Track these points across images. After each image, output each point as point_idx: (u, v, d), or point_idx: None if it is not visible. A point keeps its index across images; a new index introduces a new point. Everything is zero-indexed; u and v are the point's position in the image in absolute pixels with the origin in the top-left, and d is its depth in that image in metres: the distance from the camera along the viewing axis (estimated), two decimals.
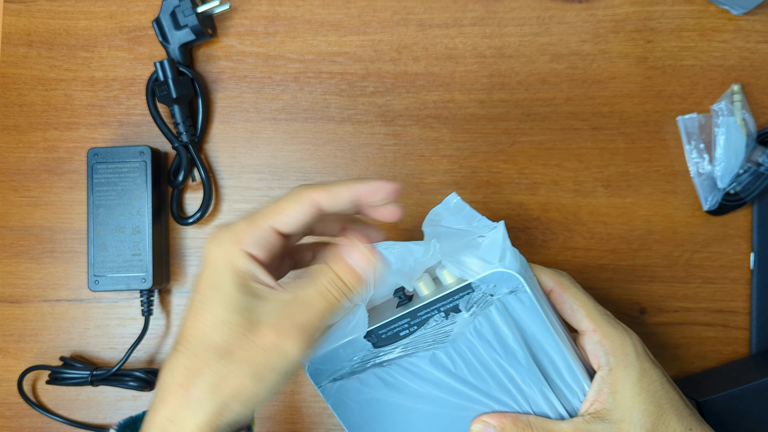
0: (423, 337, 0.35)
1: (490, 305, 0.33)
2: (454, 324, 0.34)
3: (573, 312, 0.36)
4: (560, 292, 0.36)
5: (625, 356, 0.35)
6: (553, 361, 0.35)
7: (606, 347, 0.35)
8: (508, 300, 0.33)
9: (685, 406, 0.36)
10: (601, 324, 0.36)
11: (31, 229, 0.52)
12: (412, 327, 0.35)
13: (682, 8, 0.51)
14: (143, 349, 0.52)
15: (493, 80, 0.52)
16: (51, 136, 0.53)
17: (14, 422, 0.52)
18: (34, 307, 0.52)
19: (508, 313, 0.33)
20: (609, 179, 0.51)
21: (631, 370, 0.35)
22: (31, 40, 0.53)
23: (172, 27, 0.50)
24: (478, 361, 0.35)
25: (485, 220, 0.35)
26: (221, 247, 0.31)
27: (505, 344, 0.34)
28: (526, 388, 0.35)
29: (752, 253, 0.50)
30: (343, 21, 0.52)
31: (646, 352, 0.36)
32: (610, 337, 0.35)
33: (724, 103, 0.49)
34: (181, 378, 0.30)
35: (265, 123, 0.52)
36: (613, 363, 0.35)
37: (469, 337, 0.34)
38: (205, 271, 0.31)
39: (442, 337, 0.35)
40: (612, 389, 0.34)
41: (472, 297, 0.33)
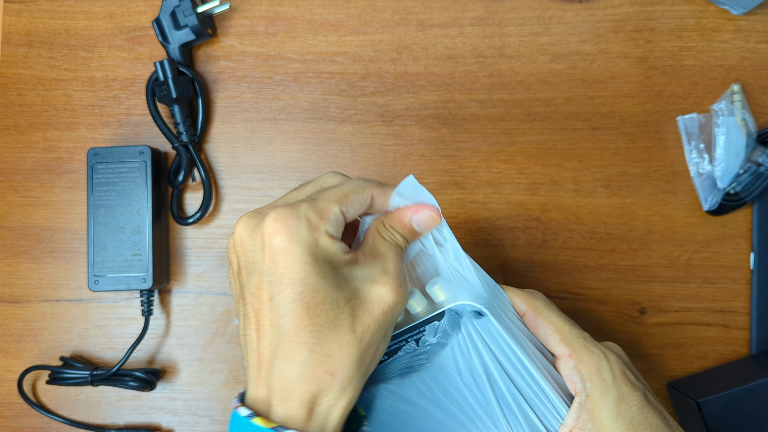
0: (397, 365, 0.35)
1: (457, 331, 0.33)
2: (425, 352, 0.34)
3: (547, 336, 0.35)
4: (533, 315, 0.36)
5: (601, 381, 0.34)
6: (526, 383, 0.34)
7: (582, 372, 0.35)
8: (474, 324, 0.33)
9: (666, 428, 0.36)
10: (577, 348, 0.35)
11: (31, 229, 0.52)
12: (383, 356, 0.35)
13: (682, 8, 0.51)
14: (143, 349, 0.52)
15: (493, 80, 0.52)
16: (51, 136, 0.53)
17: (14, 422, 0.52)
18: (34, 307, 0.52)
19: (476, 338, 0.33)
20: (609, 179, 0.51)
21: (608, 396, 0.34)
22: (31, 40, 0.53)
23: (172, 27, 0.50)
24: (453, 388, 0.35)
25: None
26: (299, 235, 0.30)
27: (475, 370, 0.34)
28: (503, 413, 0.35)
29: (752, 253, 0.50)
30: (343, 21, 0.52)
31: (625, 375, 0.36)
32: (587, 362, 0.35)
33: (724, 103, 0.49)
34: (319, 366, 0.29)
35: (265, 123, 0.52)
36: (590, 389, 0.34)
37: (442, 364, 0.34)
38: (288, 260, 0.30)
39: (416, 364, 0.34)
40: (591, 415, 0.34)
41: (438, 324, 0.33)
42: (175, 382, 0.51)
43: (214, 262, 0.52)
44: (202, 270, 0.52)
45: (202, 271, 0.52)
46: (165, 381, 0.51)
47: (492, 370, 0.34)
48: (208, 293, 0.52)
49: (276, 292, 0.30)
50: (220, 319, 0.52)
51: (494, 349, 0.34)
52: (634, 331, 0.50)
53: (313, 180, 0.35)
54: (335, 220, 0.31)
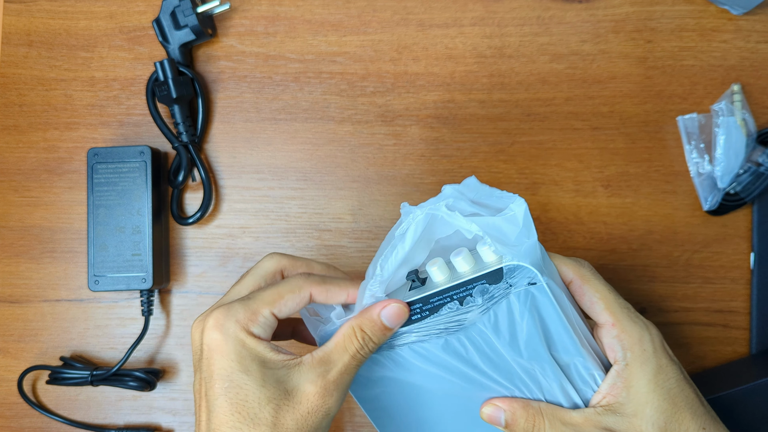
0: (435, 324, 0.35)
1: (507, 296, 0.33)
2: (468, 313, 0.34)
3: (592, 304, 0.36)
4: (580, 283, 0.36)
5: (642, 352, 0.35)
6: (567, 351, 0.34)
7: (624, 342, 0.35)
8: (525, 292, 0.33)
9: (700, 404, 0.36)
10: (621, 318, 0.35)
11: (31, 229, 0.52)
12: (424, 312, 0.34)
13: (682, 8, 0.51)
14: (143, 349, 0.52)
15: (493, 80, 0.52)
16: (51, 136, 0.53)
17: (14, 422, 0.52)
18: (34, 307, 0.52)
19: (525, 304, 0.33)
20: (609, 179, 0.51)
21: (648, 366, 0.35)
22: (31, 40, 0.53)
23: (172, 27, 0.50)
24: (491, 349, 0.35)
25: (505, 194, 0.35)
26: (229, 334, 0.33)
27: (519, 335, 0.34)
28: (539, 376, 0.35)
29: (752, 253, 0.50)
30: (343, 21, 0.52)
31: (665, 348, 0.36)
32: (629, 332, 0.35)
33: (724, 103, 0.49)
34: None
35: (265, 123, 0.52)
36: (630, 358, 0.35)
37: (482, 327, 0.34)
38: (220, 357, 0.33)
39: (455, 324, 0.34)
40: (626, 384, 0.34)
41: (488, 287, 0.33)
42: (175, 382, 0.51)
43: (214, 262, 0.52)
44: (202, 270, 0.52)
45: (202, 271, 0.52)
46: (165, 381, 0.51)
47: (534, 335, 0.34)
48: (208, 293, 0.52)
49: (207, 388, 0.33)
50: None
51: (540, 316, 0.33)
52: None
53: (252, 268, 0.37)
54: (264, 322, 0.34)
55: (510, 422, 0.36)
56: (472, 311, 0.34)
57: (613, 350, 0.35)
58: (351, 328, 0.34)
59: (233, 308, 0.34)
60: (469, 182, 0.36)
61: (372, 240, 0.51)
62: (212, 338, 0.33)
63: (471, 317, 0.34)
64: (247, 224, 0.52)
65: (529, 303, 0.33)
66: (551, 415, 0.35)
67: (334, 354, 0.34)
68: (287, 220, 0.52)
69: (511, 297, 0.33)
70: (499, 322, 0.34)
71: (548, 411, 0.35)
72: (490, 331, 0.34)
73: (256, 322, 0.34)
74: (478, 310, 0.33)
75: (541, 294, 0.33)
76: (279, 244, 0.52)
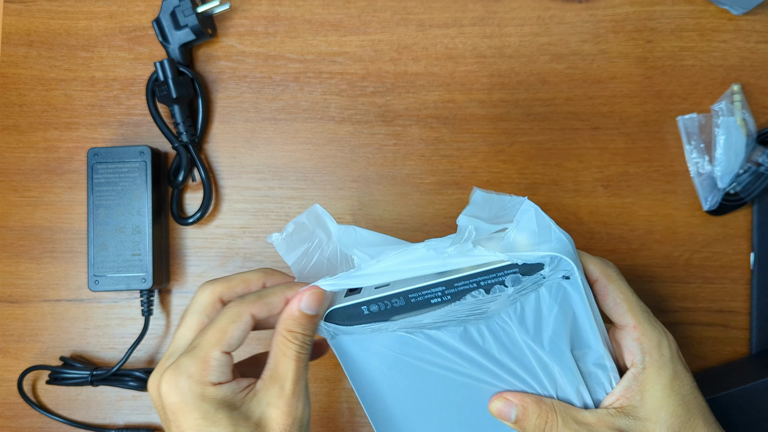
0: (457, 311, 0.33)
1: (537, 288, 0.32)
2: (494, 302, 0.32)
3: (616, 305, 0.35)
4: (605, 283, 0.35)
5: (660, 357, 0.35)
6: (587, 350, 0.34)
7: (644, 345, 0.35)
8: (558, 285, 0.32)
9: (710, 413, 0.36)
10: (642, 321, 0.35)
11: (31, 229, 0.52)
12: (446, 296, 0.33)
13: (682, 8, 0.51)
14: (143, 349, 0.52)
15: (493, 80, 0.52)
16: (51, 136, 0.53)
17: (14, 422, 0.52)
18: (34, 307, 0.52)
19: (555, 298, 0.32)
20: (609, 179, 0.51)
21: (665, 371, 0.35)
22: (31, 40, 0.53)
23: (172, 27, 0.50)
24: (510, 341, 0.34)
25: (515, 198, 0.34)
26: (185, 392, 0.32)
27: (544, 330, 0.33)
28: (555, 373, 0.34)
29: (752, 253, 0.50)
30: (343, 21, 0.52)
31: (680, 355, 0.36)
32: (649, 336, 0.35)
33: (724, 103, 0.49)
34: None
35: (265, 123, 0.52)
36: (647, 362, 0.35)
37: (506, 318, 0.33)
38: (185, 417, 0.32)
39: (477, 313, 0.33)
40: (641, 387, 0.34)
41: (520, 277, 0.32)
42: None
43: (214, 262, 0.52)
44: (202, 270, 0.52)
45: (202, 271, 0.52)
46: None
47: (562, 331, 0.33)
48: None
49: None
50: None
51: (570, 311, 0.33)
52: None
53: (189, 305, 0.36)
54: (218, 365, 0.33)
55: (521, 418, 0.35)
56: (498, 300, 0.32)
57: (632, 353, 0.35)
58: (280, 335, 0.34)
59: (182, 365, 0.33)
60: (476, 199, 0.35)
61: None
62: (171, 402, 0.32)
63: (495, 307, 0.33)
64: (247, 224, 0.52)
65: (560, 297, 0.32)
66: (564, 413, 0.35)
67: (280, 367, 0.34)
68: (287, 220, 0.52)
69: (542, 290, 0.32)
70: (526, 315, 0.33)
71: (561, 409, 0.35)
72: (514, 322, 0.33)
73: (209, 369, 0.33)
74: (506, 300, 0.32)
75: (574, 289, 0.32)
76: None
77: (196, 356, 0.33)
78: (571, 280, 0.32)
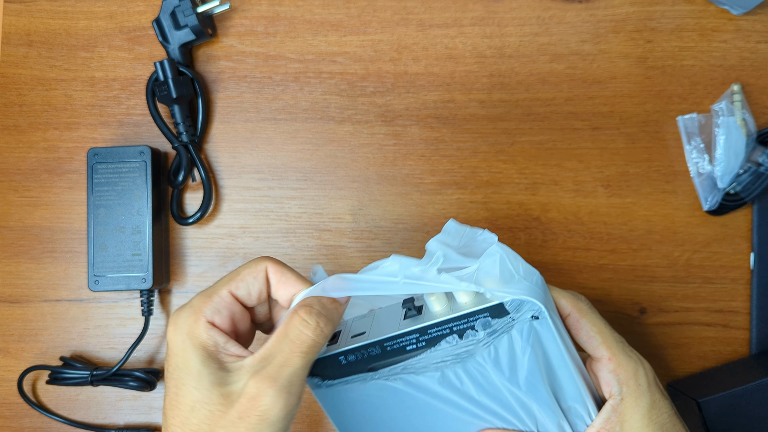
0: (432, 358, 0.34)
1: (509, 330, 0.32)
2: (469, 347, 0.33)
3: (589, 339, 0.36)
4: (578, 317, 0.36)
5: (637, 387, 0.35)
6: (565, 385, 0.34)
7: (620, 377, 0.35)
8: (529, 326, 0.32)
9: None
10: (617, 353, 0.35)
11: (31, 229, 0.52)
12: (421, 342, 0.33)
13: (682, 8, 0.51)
14: (143, 349, 0.52)
15: (493, 80, 0.52)
16: (51, 136, 0.53)
17: (14, 422, 0.52)
18: (34, 307, 0.52)
19: (527, 339, 0.33)
20: (609, 179, 0.51)
21: (642, 401, 0.35)
22: (31, 40, 0.53)
23: (172, 27, 0.50)
24: (487, 383, 0.34)
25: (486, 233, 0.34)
26: (181, 325, 0.32)
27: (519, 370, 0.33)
28: (535, 410, 0.35)
29: (752, 253, 0.50)
30: (343, 21, 0.52)
31: (657, 383, 0.36)
32: (625, 367, 0.35)
33: (724, 103, 0.49)
34: None
35: (265, 123, 0.52)
36: (625, 393, 0.35)
37: (481, 361, 0.33)
38: (170, 354, 0.32)
39: (453, 357, 0.33)
40: (621, 418, 0.35)
41: (490, 321, 0.32)
42: None
43: (214, 262, 0.52)
44: (202, 270, 0.52)
45: (202, 271, 0.52)
46: None
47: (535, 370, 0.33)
48: None
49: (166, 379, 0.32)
50: None
51: (543, 350, 0.33)
52: (634, 331, 0.50)
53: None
54: (218, 302, 0.32)
55: None
56: (473, 345, 0.33)
57: (609, 384, 0.35)
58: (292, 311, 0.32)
59: (192, 300, 0.33)
60: (449, 228, 0.35)
61: (372, 240, 0.51)
62: (168, 332, 0.33)
63: (470, 351, 0.33)
64: (247, 224, 0.52)
65: (532, 338, 0.33)
66: None
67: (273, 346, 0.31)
68: (287, 220, 0.52)
69: (513, 331, 0.32)
70: (500, 357, 0.33)
71: None
72: (489, 365, 0.33)
73: (209, 303, 0.32)
74: (479, 344, 0.33)
75: (545, 328, 0.32)
76: (279, 244, 0.52)
77: (204, 293, 0.33)
78: (540, 320, 0.32)
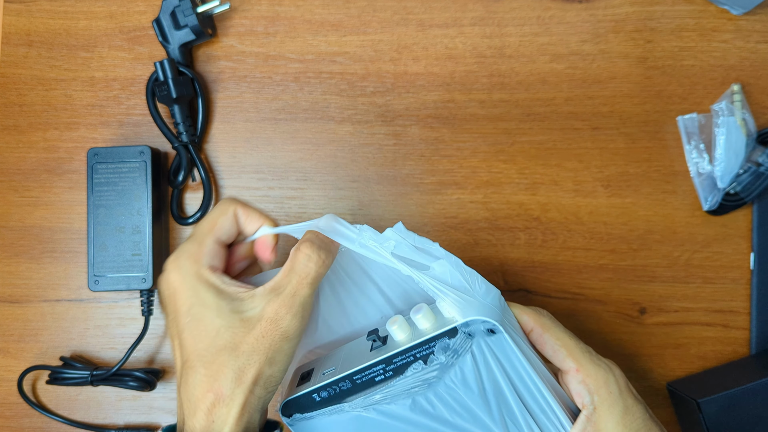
0: (401, 386, 0.34)
1: (468, 349, 0.33)
2: (434, 371, 0.34)
3: (555, 352, 0.36)
4: (541, 332, 0.36)
5: (609, 394, 0.35)
6: (534, 398, 0.34)
7: (590, 386, 0.35)
8: (486, 342, 0.33)
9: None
10: (584, 363, 0.36)
11: (31, 229, 0.52)
12: (388, 372, 0.34)
13: (682, 8, 0.51)
14: (143, 349, 0.52)
15: (493, 80, 0.52)
16: (51, 136, 0.53)
17: (14, 422, 0.52)
18: (34, 307, 0.52)
19: (488, 354, 0.33)
20: (609, 179, 0.51)
21: (615, 408, 0.35)
22: (31, 40, 0.53)
23: (172, 27, 0.50)
24: (459, 404, 0.35)
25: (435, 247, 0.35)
26: (185, 270, 0.35)
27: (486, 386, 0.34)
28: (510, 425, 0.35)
29: (752, 253, 0.50)
30: (343, 21, 0.52)
31: (629, 388, 0.36)
32: (594, 376, 0.35)
33: (724, 103, 0.49)
34: (206, 385, 0.33)
35: (265, 123, 0.52)
36: (597, 402, 0.35)
37: (450, 383, 0.34)
38: (180, 295, 0.35)
39: (421, 383, 0.34)
40: (595, 428, 0.35)
41: (448, 343, 0.33)
42: (175, 382, 0.51)
43: None
44: None
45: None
46: (165, 381, 0.51)
47: (502, 386, 0.34)
48: None
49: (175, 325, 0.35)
50: None
51: (505, 365, 0.34)
52: (634, 331, 0.50)
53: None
54: (210, 252, 0.36)
55: None
56: (437, 369, 0.34)
57: (580, 395, 0.35)
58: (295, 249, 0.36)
59: (182, 248, 0.36)
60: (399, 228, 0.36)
61: None
62: (173, 279, 0.36)
63: (437, 375, 0.34)
64: None
65: (492, 352, 0.33)
66: None
67: (283, 278, 0.35)
68: (287, 220, 0.52)
69: (473, 349, 0.33)
70: (466, 376, 0.34)
71: None
72: (458, 385, 0.34)
73: (204, 253, 0.36)
74: (444, 367, 0.33)
75: (503, 342, 0.33)
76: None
77: (194, 240, 0.37)
78: (497, 335, 0.33)
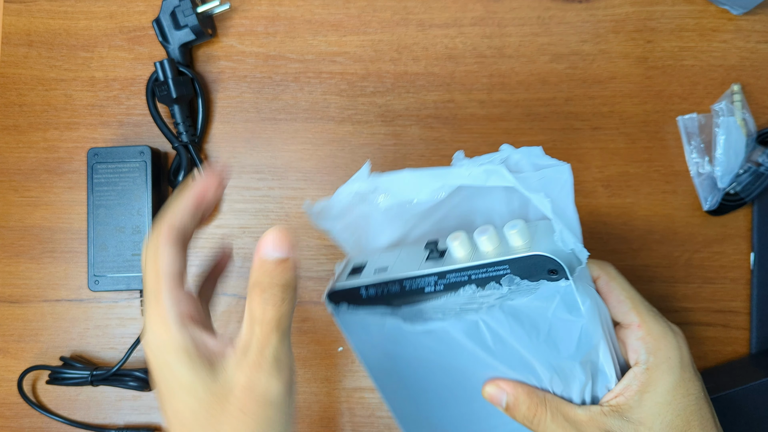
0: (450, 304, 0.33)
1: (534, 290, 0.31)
2: (489, 297, 0.32)
3: (619, 303, 0.34)
4: (607, 280, 0.34)
5: (667, 359, 0.33)
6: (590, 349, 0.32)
7: (648, 345, 0.33)
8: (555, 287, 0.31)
9: (713, 427, 0.34)
10: (647, 320, 0.34)
11: (31, 229, 0.52)
12: (439, 286, 0.32)
13: (682, 8, 0.51)
14: (143, 349, 0.52)
15: (493, 80, 0.52)
16: (51, 136, 0.53)
17: (14, 422, 0.52)
18: (34, 307, 0.52)
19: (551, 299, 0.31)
20: (609, 179, 0.51)
21: (670, 376, 0.33)
22: (31, 40, 0.53)
23: (172, 27, 0.50)
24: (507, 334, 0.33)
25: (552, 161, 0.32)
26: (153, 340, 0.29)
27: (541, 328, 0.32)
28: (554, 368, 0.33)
29: (752, 253, 0.50)
30: (343, 21, 0.52)
31: (691, 361, 0.34)
32: (655, 336, 0.33)
33: (724, 103, 0.49)
34: None
35: (265, 123, 0.52)
36: (652, 363, 0.33)
37: (502, 313, 0.32)
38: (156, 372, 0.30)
39: (470, 307, 0.32)
40: (642, 388, 0.33)
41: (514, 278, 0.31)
42: None
43: None
44: (201, 270, 0.52)
45: (202, 272, 0.52)
46: None
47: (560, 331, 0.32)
48: None
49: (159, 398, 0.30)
50: (220, 318, 0.52)
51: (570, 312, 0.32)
52: None
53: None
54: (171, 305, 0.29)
55: (511, 406, 0.34)
56: (492, 296, 0.32)
57: (636, 352, 0.33)
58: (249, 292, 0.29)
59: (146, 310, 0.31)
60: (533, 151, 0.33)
61: None
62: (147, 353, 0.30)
63: (491, 302, 0.32)
64: (247, 224, 0.52)
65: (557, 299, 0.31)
66: (555, 407, 0.33)
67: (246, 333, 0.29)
68: (287, 220, 0.52)
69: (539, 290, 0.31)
70: (522, 313, 0.32)
71: (553, 403, 0.33)
72: (511, 319, 0.32)
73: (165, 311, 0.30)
74: (501, 297, 0.32)
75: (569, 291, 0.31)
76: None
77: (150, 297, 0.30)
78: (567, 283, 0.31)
